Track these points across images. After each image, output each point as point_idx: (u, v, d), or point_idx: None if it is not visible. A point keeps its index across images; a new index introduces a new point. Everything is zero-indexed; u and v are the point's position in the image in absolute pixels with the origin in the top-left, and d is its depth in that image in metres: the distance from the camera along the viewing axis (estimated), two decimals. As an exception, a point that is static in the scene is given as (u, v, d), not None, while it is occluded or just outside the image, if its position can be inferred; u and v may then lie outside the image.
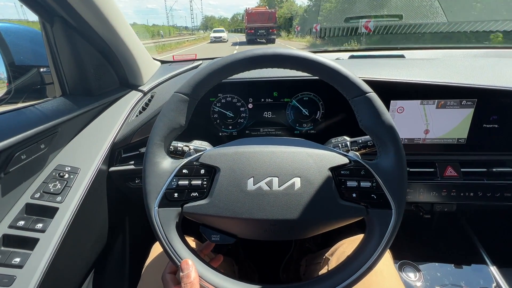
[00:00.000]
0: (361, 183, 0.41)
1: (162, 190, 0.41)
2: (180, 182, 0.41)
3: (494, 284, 0.79)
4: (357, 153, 0.47)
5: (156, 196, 0.41)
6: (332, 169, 0.42)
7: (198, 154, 0.44)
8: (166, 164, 0.43)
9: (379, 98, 0.41)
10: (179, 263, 0.40)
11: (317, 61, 0.41)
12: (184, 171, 0.42)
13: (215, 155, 0.43)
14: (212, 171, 0.42)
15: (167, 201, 0.41)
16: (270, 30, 19.97)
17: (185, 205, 0.41)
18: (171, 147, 0.51)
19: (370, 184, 0.41)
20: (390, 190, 0.40)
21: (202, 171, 0.42)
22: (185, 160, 0.43)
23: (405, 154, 0.42)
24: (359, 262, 0.39)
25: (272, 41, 20.31)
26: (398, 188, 0.40)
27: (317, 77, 0.43)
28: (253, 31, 20.07)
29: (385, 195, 0.40)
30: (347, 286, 0.39)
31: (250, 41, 20.90)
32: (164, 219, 0.41)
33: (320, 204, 0.41)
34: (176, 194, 0.41)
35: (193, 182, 0.42)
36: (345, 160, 0.42)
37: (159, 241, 0.41)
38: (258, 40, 20.63)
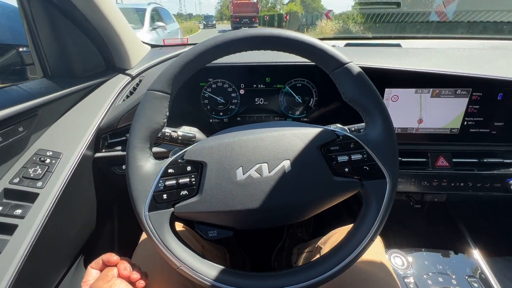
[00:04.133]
0: (352, 157, 0.40)
1: (149, 194, 0.39)
2: (167, 183, 0.39)
3: (480, 272, 0.81)
4: (344, 127, 0.46)
5: (144, 201, 0.39)
6: (321, 147, 0.40)
7: (182, 151, 0.42)
8: (150, 166, 0.40)
9: (359, 67, 0.40)
10: (179, 266, 0.39)
11: (292, 38, 0.39)
12: (169, 170, 0.40)
13: (200, 150, 0.41)
14: (199, 167, 0.40)
15: (156, 203, 0.39)
16: (253, 19, 21.39)
17: (176, 205, 0.40)
18: (159, 133, 0.49)
19: (361, 156, 0.40)
20: (381, 159, 0.39)
21: (189, 168, 0.40)
22: (170, 160, 0.41)
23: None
24: (361, 234, 0.39)
25: (254, 30, 21.75)
26: (389, 156, 0.40)
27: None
28: (237, 19, 21.47)
29: (377, 165, 0.39)
30: (354, 259, 0.39)
31: (235, 29, 21.66)
32: (156, 223, 0.39)
33: (313, 184, 0.40)
34: (165, 196, 0.39)
35: (181, 180, 0.40)
36: (332, 136, 0.41)
37: (155, 246, 0.39)
38: (242, 28, 21.61)
